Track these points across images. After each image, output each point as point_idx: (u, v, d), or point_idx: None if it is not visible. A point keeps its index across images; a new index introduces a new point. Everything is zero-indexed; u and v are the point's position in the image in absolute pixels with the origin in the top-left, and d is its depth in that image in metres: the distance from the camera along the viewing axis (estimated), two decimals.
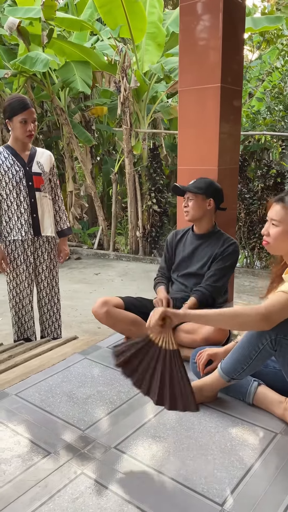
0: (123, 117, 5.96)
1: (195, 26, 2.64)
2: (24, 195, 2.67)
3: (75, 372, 2.15)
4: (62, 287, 5.08)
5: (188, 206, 2.40)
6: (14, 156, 2.65)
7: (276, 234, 1.66)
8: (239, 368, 1.67)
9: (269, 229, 1.68)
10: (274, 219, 1.66)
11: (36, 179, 2.70)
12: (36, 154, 2.74)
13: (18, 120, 2.54)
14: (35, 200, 2.71)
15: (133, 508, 1.32)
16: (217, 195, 2.44)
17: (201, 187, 2.39)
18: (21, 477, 1.45)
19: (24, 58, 5.50)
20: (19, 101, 2.55)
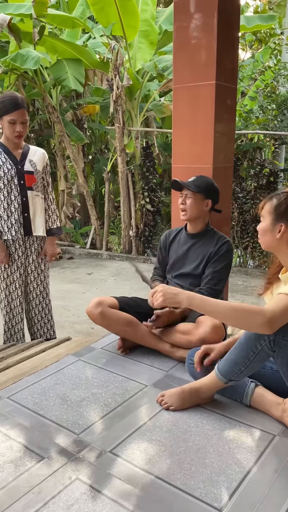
0: (116, 116, 5.92)
1: (189, 23, 2.61)
2: (15, 194, 2.62)
3: (69, 374, 2.11)
4: (55, 287, 5.05)
5: (186, 204, 2.36)
6: (6, 154, 2.60)
7: (259, 229, 1.68)
8: (236, 370, 1.65)
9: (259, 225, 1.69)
10: (261, 214, 1.68)
11: (28, 178, 2.66)
12: (29, 152, 2.69)
13: (7, 119, 2.50)
14: (27, 199, 2.66)
15: None
16: (214, 196, 2.41)
17: (201, 186, 2.35)
18: (14, 483, 1.41)
19: (15, 55, 5.43)
20: (10, 100, 2.50)
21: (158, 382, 2.01)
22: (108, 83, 5.79)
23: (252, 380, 1.80)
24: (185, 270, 2.39)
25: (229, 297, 4.73)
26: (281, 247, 1.65)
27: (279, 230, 1.62)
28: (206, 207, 2.36)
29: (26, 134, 2.97)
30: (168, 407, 1.78)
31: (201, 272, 2.34)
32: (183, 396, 1.78)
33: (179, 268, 2.42)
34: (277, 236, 1.63)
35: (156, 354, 2.26)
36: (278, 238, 1.62)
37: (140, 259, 6.21)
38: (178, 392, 1.80)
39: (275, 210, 1.63)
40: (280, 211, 1.62)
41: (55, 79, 5.87)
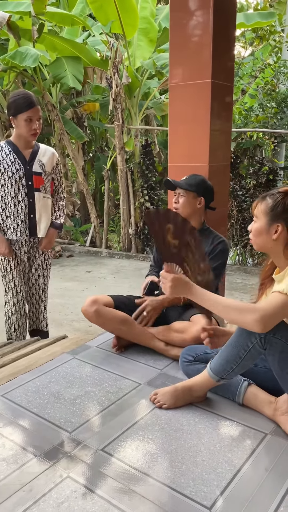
0: (115, 114, 5.91)
1: (185, 21, 2.60)
2: (23, 195, 2.59)
3: (63, 372, 2.11)
4: (54, 285, 5.06)
5: (179, 203, 2.37)
6: (15, 154, 2.56)
7: (253, 230, 1.66)
8: (228, 368, 1.65)
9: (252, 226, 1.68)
10: (254, 215, 1.66)
11: (36, 179, 2.63)
12: (39, 152, 2.66)
13: (23, 118, 2.46)
14: (34, 200, 2.63)
15: None
16: (208, 194, 2.41)
17: (192, 184, 2.36)
18: (5, 481, 1.42)
19: (13, 53, 5.43)
20: (25, 98, 2.46)
21: (152, 381, 2.01)
22: (107, 81, 5.79)
23: (245, 378, 1.80)
24: None
25: (228, 295, 4.74)
26: (276, 248, 1.63)
27: (275, 230, 1.60)
28: (199, 205, 2.36)
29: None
30: (161, 406, 1.79)
31: None
32: (176, 395, 1.78)
33: None
34: (273, 237, 1.61)
35: (150, 353, 2.26)
36: (275, 239, 1.61)
37: (140, 257, 6.22)
38: (171, 390, 1.80)
39: (271, 211, 1.61)
40: (277, 212, 1.60)
41: (53, 77, 5.87)
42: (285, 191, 1.62)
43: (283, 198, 1.61)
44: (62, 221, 2.86)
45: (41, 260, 2.80)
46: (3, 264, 2.69)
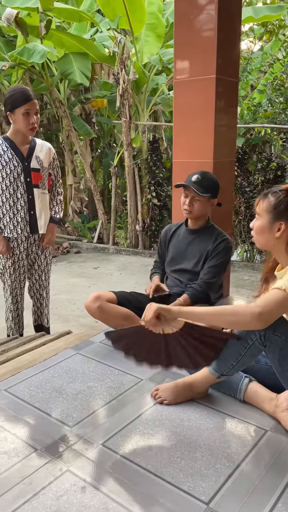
0: (122, 110, 5.91)
1: (190, 17, 2.59)
2: (22, 192, 2.59)
3: (66, 367, 2.13)
4: (61, 281, 5.10)
5: (193, 206, 2.33)
6: (13, 150, 2.56)
7: (256, 228, 1.64)
8: (228, 364, 1.65)
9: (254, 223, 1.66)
10: (256, 212, 1.65)
11: (35, 175, 2.62)
12: (36, 147, 2.65)
13: (20, 112, 2.46)
14: (33, 197, 2.64)
15: (117, 506, 1.30)
16: (217, 192, 2.40)
17: (208, 187, 2.31)
18: (5, 474, 1.44)
19: (21, 49, 5.45)
20: (21, 92, 2.46)
21: (154, 376, 2.02)
22: (114, 77, 5.78)
23: (246, 375, 1.80)
24: (184, 266, 2.39)
25: (235, 292, 4.73)
26: (279, 246, 1.62)
27: (278, 228, 1.59)
28: (211, 206, 2.36)
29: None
30: (162, 401, 1.79)
31: (200, 269, 2.35)
32: (177, 390, 1.79)
33: (178, 263, 2.42)
34: (276, 235, 1.59)
35: None
36: (277, 237, 1.59)
37: (146, 254, 6.22)
38: (172, 386, 1.81)
39: (274, 209, 1.59)
40: (280, 210, 1.58)
41: (61, 73, 5.88)
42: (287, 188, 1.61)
43: (286, 196, 1.59)
44: (60, 216, 2.86)
45: (43, 257, 2.82)
46: (1, 262, 2.71)
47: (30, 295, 2.90)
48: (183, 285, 2.36)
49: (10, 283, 2.72)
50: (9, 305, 2.78)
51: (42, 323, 2.94)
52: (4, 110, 2.53)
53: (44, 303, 2.92)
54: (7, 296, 2.77)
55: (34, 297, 2.90)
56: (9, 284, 2.73)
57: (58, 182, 2.85)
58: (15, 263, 2.70)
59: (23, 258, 2.73)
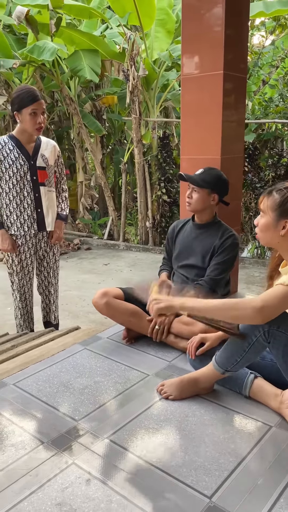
0: (132, 106, 5.91)
1: (197, 12, 2.58)
2: (28, 190, 2.62)
3: (74, 362, 2.16)
4: (71, 277, 5.14)
5: (191, 198, 2.36)
6: (18, 148, 2.59)
7: (260, 225, 1.63)
8: (233, 360, 1.66)
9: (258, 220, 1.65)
10: (261, 209, 1.63)
11: (41, 174, 2.65)
12: (41, 146, 2.68)
13: (27, 112, 2.48)
14: (40, 195, 2.67)
15: (121, 499, 1.32)
16: (222, 189, 2.38)
17: (207, 180, 2.32)
18: (13, 466, 1.47)
19: (31, 47, 5.48)
20: (28, 92, 2.49)
21: (160, 372, 2.04)
22: (124, 74, 5.78)
23: (251, 371, 1.81)
24: (190, 261, 2.40)
25: (245, 288, 4.71)
26: (284, 243, 1.61)
27: (283, 226, 1.58)
28: (212, 201, 2.35)
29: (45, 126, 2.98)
30: (167, 397, 1.81)
31: (206, 264, 2.35)
32: (182, 386, 1.80)
33: (184, 259, 2.43)
34: (281, 233, 1.58)
35: (160, 345, 2.28)
36: (282, 235, 1.58)
37: (157, 250, 6.23)
38: (177, 382, 1.82)
39: (279, 206, 1.58)
40: (285, 208, 1.57)
41: (71, 70, 5.89)
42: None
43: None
44: (67, 212, 2.88)
45: (52, 254, 2.84)
46: (8, 261, 2.74)
47: (39, 292, 2.93)
48: (190, 281, 2.37)
49: (18, 281, 2.76)
50: (17, 303, 2.82)
51: (49, 320, 2.97)
52: (11, 109, 2.56)
53: (52, 299, 2.95)
54: (16, 294, 2.80)
55: (43, 294, 2.93)
56: (17, 283, 2.76)
57: (63, 179, 2.88)
58: (22, 261, 2.73)
59: (31, 255, 2.76)
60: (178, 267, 2.45)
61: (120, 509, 1.29)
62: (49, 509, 1.29)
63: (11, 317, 3.66)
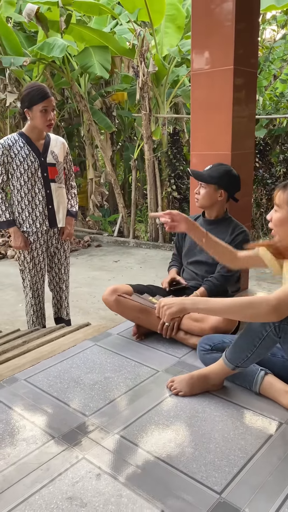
0: (142, 103, 5.90)
1: (207, 7, 2.56)
2: (39, 187, 2.64)
3: (85, 358, 2.17)
4: (82, 274, 5.16)
5: (199, 194, 2.36)
6: (29, 146, 2.61)
7: (275, 219, 1.61)
8: (243, 356, 1.65)
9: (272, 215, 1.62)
10: (276, 204, 1.61)
11: (51, 170, 2.68)
12: (51, 142, 2.70)
13: (38, 109, 2.50)
14: (51, 191, 2.69)
15: (131, 494, 1.33)
16: (231, 185, 2.36)
17: (214, 176, 2.32)
18: (24, 460, 1.49)
19: (41, 44, 5.50)
20: (39, 89, 2.50)
21: (170, 368, 2.04)
22: (134, 70, 5.77)
23: (262, 368, 1.80)
24: (200, 257, 2.39)
25: (256, 285, 4.69)
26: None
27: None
28: (220, 197, 2.33)
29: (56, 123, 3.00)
30: (177, 393, 1.81)
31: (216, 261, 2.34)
32: (192, 382, 1.80)
33: (194, 255, 2.42)
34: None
35: (170, 341, 2.29)
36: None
37: (167, 247, 6.22)
38: (187, 378, 1.82)
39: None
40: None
41: (81, 67, 5.90)
42: None
43: None
44: (76, 209, 2.90)
45: (63, 251, 2.87)
46: (20, 258, 2.76)
47: (50, 288, 2.95)
48: (199, 277, 2.37)
49: (30, 278, 2.78)
50: (29, 299, 2.84)
51: (61, 316, 2.99)
52: (21, 107, 2.57)
53: (63, 296, 2.97)
54: (28, 291, 2.83)
55: (54, 290, 2.95)
56: (29, 279, 2.79)
57: (72, 175, 2.89)
58: (34, 258, 2.75)
59: (43, 252, 2.78)
60: (187, 264, 2.45)
61: (130, 503, 1.30)
62: (60, 503, 1.31)
63: (23, 313, 3.70)
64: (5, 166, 2.61)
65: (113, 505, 1.29)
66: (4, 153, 2.58)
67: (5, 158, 2.59)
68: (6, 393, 1.88)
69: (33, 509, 1.29)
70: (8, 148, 2.58)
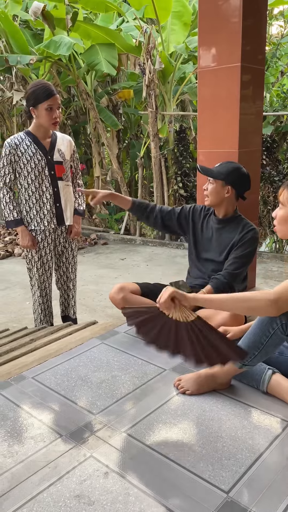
0: (148, 100, 5.88)
1: (214, 4, 2.55)
2: (47, 185, 2.65)
3: (92, 356, 2.18)
4: (88, 272, 5.17)
5: (207, 190, 2.36)
6: (35, 144, 2.62)
7: (279, 217, 1.61)
8: (250, 354, 1.65)
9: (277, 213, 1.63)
10: (280, 202, 1.62)
11: (58, 168, 2.68)
12: (57, 141, 2.70)
13: (43, 107, 2.50)
14: (58, 189, 2.69)
15: (138, 492, 1.33)
16: (240, 183, 2.34)
17: (222, 172, 2.32)
18: (32, 457, 1.49)
19: (48, 42, 5.50)
20: (44, 87, 2.51)
21: (177, 367, 2.04)
22: (140, 68, 5.75)
23: (269, 367, 1.79)
24: (208, 255, 2.39)
25: (263, 283, 4.67)
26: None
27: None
28: (227, 194, 2.32)
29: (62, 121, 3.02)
30: (185, 391, 1.81)
31: (224, 259, 2.33)
32: (200, 381, 1.80)
33: (203, 252, 2.41)
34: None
35: None
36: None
37: (173, 245, 6.21)
38: (194, 377, 1.82)
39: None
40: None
41: (87, 64, 5.89)
42: None
43: None
44: (84, 207, 2.90)
45: (70, 249, 2.87)
46: (28, 256, 2.77)
47: (58, 287, 2.96)
48: (206, 275, 2.36)
49: (38, 276, 2.79)
50: (37, 298, 2.85)
51: (68, 314, 3.00)
52: (26, 105, 2.58)
53: (71, 294, 2.98)
54: (35, 289, 2.83)
55: (62, 288, 2.96)
56: (37, 278, 2.79)
57: (78, 174, 2.90)
58: (42, 257, 2.76)
59: (51, 250, 2.78)
60: (198, 260, 2.44)
61: (138, 502, 1.30)
62: (68, 501, 1.31)
63: (30, 311, 3.71)
64: (12, 165, 2.61)
65: (121, 503, 1.30)
66: (11, 152, 2.59)
67: (12, 157, 2.60)
68: (14, 391, 1.90)
69: (41, 506, 1.29)
70: (14, 147, 2.59)
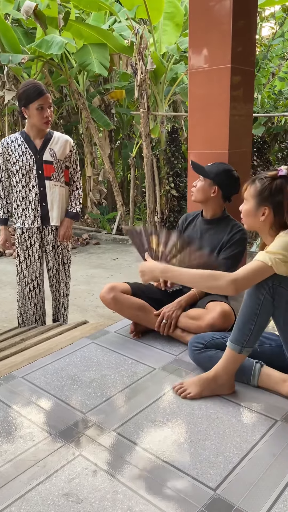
0: (140, 100, 5.89)
1: (205, 5, 2.56)
2: (33, 184, 2.66)
3: (82, 356, 2.18)
4: (80, 272, 5.17)
5: (196, 186, 2.39)
6: (27, 143, 2.63)
7: (243, 211, 1.75)
8: (246, 331, 1.67)
9: (242, 207, 1.77)
10: (244, 197, 1.75)
11: (47, 168, 2.67)
12: (51, 140, 2.69)
13: (34, 107, 2.51)
14: (45, 189, 2.68)
15: (127, 490, 1.34)
16: (227, 184, 2.36)
17: (212, 172, 2.35)
18: (21, 457, 1.50)
19: (40, 41, 5.49)
20: (34, 87, 2.51)
21: (166, 366, 2.05)
22: (132, 68, 5.76)
23: (257, 361, 1.82)
24: None
25: None
26: (264, 228, 1.73)
27: (263, 213, 1.69)
28: (213, 193, 2.34)
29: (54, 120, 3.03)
30: (186, 395, 1.78)
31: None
32: (201, 383, 1.78)
33: None
34: (261, 219, 1.70)
35: (167, 339, 2.30)
36: (262, 220, 1.70)
37: None
38: (195, 380, 1.80)
39: (259, 194, 1.69)
40: (264, 196, 1.68)
41: (79, 64, 5.89)
42: (273, 176, 1.69)
43: (270, 183, 1.68)
44: (77, 210, 2.83)
45: (60, 250, 2.84)
46: (15, 255, 2.79)
47: (51, 290, 2.95)
48: None
49: (23, 276, 2.80)
50: (21, 296, 2.84)
51: (58, 320, 2.99)
52: (18, 105, 2.59)
53: (61, 301, 2.94)
54: (19, 288, 2.83)
55: (53, 289, 2.93)
56: (21, 278, 2.81)
57: (77, 175, 2.85)
58: (29, 256, 2.77)
59: (37, 250, 2.78)
60: None
61: (126, 500, 1.31)
62: (56, 499, 1.32)
63: None
64: (5, 164, 2.65)
65: (109, 501, 1.30)
66: (3, 151, 2.65)
67: (5, 156, 2.65)
68: (4, 390, 1.89)
69: (30, 505, 1.30)
70: (6, 146, 2.64)
